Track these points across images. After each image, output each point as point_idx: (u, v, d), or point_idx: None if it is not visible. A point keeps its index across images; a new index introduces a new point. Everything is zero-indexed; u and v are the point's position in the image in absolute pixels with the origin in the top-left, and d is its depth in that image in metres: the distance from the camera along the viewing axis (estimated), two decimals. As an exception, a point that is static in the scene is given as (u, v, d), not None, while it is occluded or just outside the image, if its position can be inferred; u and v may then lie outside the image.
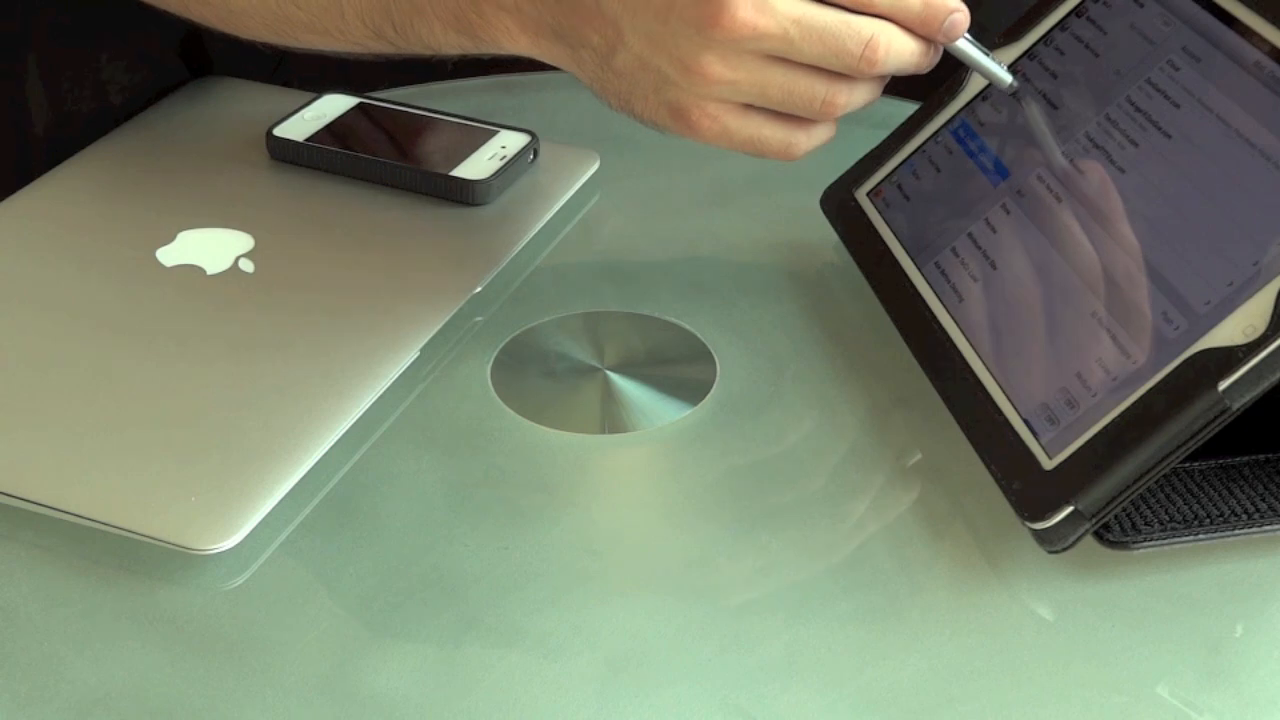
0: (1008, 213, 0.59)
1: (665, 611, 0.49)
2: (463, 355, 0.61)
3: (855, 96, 0.57)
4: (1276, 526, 0.51)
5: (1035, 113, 0.60)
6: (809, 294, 0.66)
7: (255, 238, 0.65)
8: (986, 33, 0.65)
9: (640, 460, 0.57)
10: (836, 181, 0.68)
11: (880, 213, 0.64)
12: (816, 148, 0.59)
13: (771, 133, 0.58)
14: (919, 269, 0.61)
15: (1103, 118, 0.58)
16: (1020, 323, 0.55)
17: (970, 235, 0.60)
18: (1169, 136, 0.55)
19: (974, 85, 0.64)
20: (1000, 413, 0.53)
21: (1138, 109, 0.57)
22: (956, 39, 0.58)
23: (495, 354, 0.61)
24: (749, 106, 0.56)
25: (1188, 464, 0.52)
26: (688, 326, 0.63)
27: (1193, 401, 0.47)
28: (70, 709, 0.46)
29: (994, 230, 0.59)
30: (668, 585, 0.51)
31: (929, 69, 0.58)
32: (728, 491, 0.55)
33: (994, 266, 0.58)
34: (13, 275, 0.63)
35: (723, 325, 0.63)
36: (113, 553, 0.51)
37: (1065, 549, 0.49)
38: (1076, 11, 0.62)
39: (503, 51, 0.60)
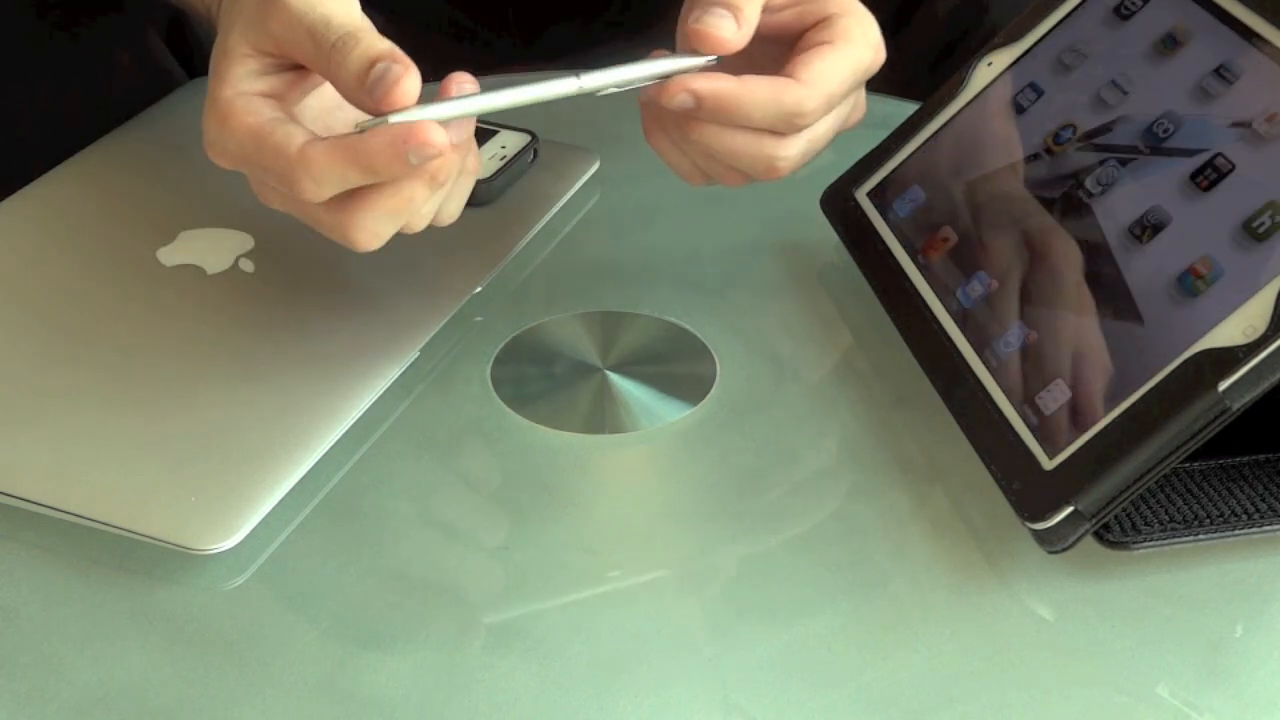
0: (1008, 213, 0.59)
1: (665, 611, 0.49)
2: (463, 355, 0.61)
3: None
4: (1276, 526, 0.51)
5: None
6: (809, 294, 0.66)
7: (255, 238, 0.65)
8: (994, 33, 0.65)
9: (640, 460, 0.57)
10: (836, 181, 0.68)
11: (880, 213, 0.64)
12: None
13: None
14: (919, 269, 0.61)
15: (1102, 119, 0.58)
16: (1019, 322, 0.55)
17: (970, 235, 0.60)
18: (1168, 136, 0.55)
19: (975, 84, 0.64)
20: (1000, 413, 0.53)
21: (1137, 109, 0.57)
22: (434, 155, 0.49)
23: (495, 354, 0.61)
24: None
25: (1188, 464, 0.52)
26: (688, 326, 0.63)
27: (1193, 401, 0.47)
28: (70, 709, 0.46)
29: (993, 230, 0.59)
30: (668, 585, 0.51)
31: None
32: (728, 491, 0.55)
33: (994, 266, 0.58)
34: (13, 275, 0.63)
35: (723, 325, 0.63)
36: (113, 553, 0.51)
37: (1065, 549, 0.49)
38: (1076, 11, 0.62)
39: None
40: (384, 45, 0.50)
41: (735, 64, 0.56)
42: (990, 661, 0.48)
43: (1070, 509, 0.49)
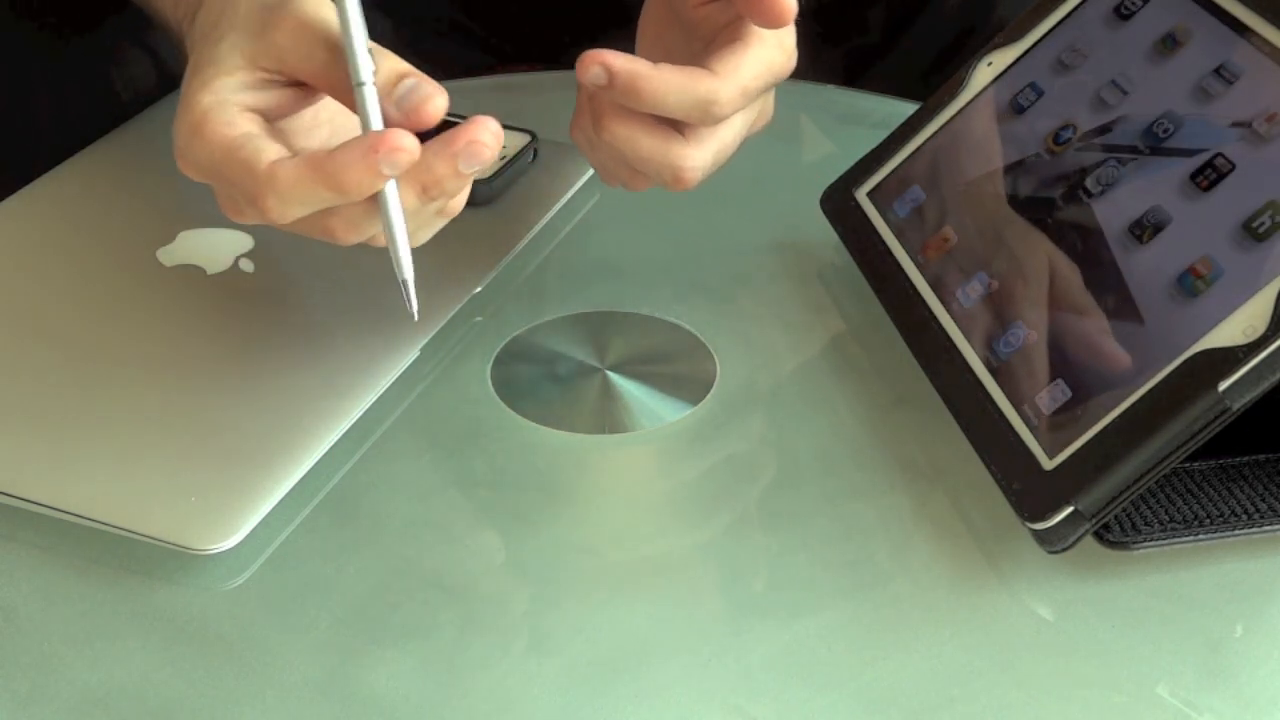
0: (1008, 213, 0.59)
1: (665, 611, 0.50)
2: (463, 355, 0.61)
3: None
4: (1276, 526, 0.51)
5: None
6: (809, 294, 0.66)
7: (255, 238, 0.65)
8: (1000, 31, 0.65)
9: (640, 460, 0.57)
10: (836, 181, 0.68)
11: (880, 213, 0.64)
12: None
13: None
14: (919, 269, 0.61)
15: (1102, 119, 0.58)
16: (1019, 322, 0.55)
17: (970, 235, 0.60)
18: (1168, 136, 0.55)
19: (975, 84, 0.64)
20: (1000, 413, 0.53)
21: (1137, 109, 0.57)
22: (404, 168, 0.47)
23: (495, 354, 0.61)
24: None
25: (1188, 464, 0.52)
26: (688, 326, 0.63)
27: (1193, 401, 0.47)
28: (70, 709, 0.46)
29: (993, 230, 0.59)
30: (668, 585, 0.51)
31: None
32: (728, 492, 0.55)
33: (994, 266, 0.58)
34: (13, 275, 0.63)
35: (723, 325, 0.63)
36: (113, 553, 0.51)
37: (1065, 549, 0.49)
38: (1076, 11, 0.62)
39: None
40: (408, 65, 0.50)
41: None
42: (990, 661, 0.48)
43: (1070, 509, 0.49)
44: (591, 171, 0.73)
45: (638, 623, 0.49)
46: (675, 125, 0.56)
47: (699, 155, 0.56)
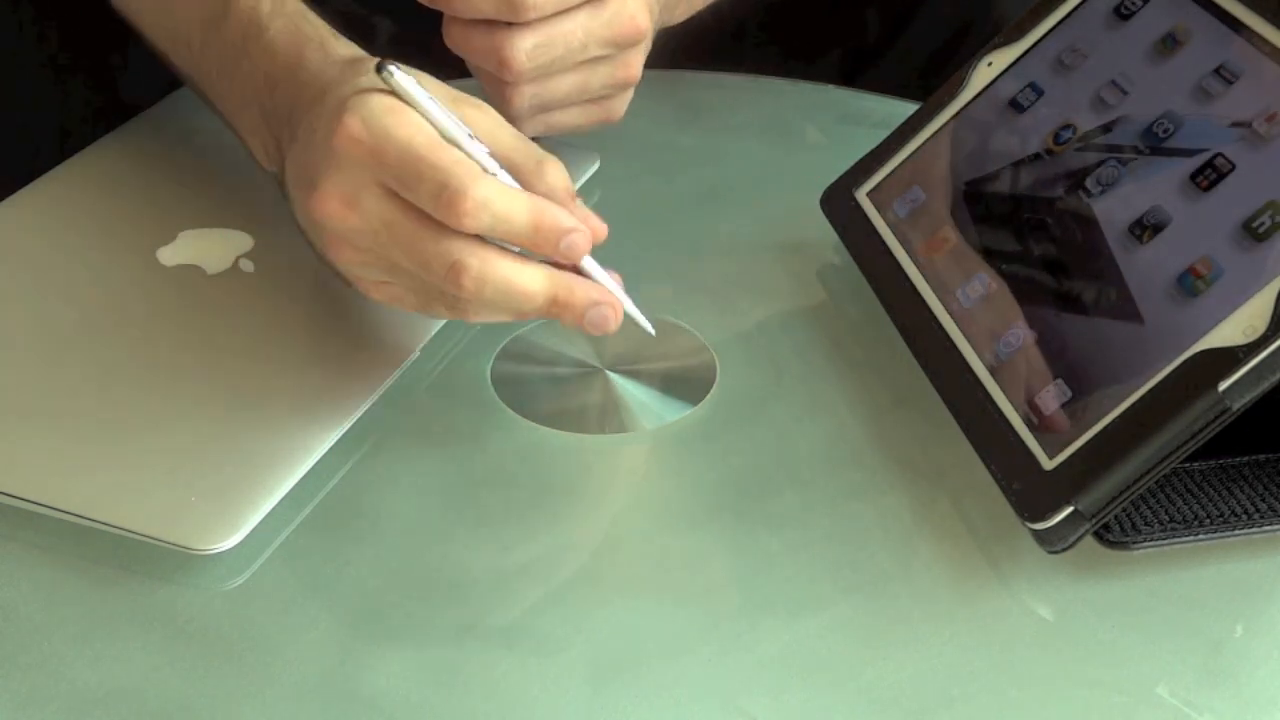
0: (1008, 213, 0.59)
1: (665, 612, 0.50)
2: (463, 355, 0.61)
3: (465, 312, 0.53)
4: (1276, 526, 0.51)
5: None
6: (809, 294, 0.66)
7: (255, 238, 0.65)
8: (999, 31, 0.65)
9: (640, 460, 0.57)
10: (836, 181, 0.68)
11: (880, 213, 0.64)
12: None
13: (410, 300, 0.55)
14: (919, 269, 0.61)
15: (1102, 119, 0.58)
16: (1019, 322, 0.55)
17: (970, 235, 0.60)
18: (1168, 136, 0.55)
19: (975, 84, 0.64)
20: (1000, 413, 0.53)
21: (1137, 109, 0.57)
22: (578, 259, 0.53)
23: (495, 354, 0.61)
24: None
25: (1188, 464, 0.52)
26: (688, 326, 0.63)
27: (1193, 401, 0.47)
28: (70, 709, 0.46)
29: (993, 231, 0.59)
30: (668, 585, 0.51)
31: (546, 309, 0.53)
32: (728, 491, 0.55)
33: (994, 266, 0.58)
34: (13, 275, 0.63)
35: (723, 325, 0.63)
36: (113, 553, 0.51)
37: (1065, 549, 0.49)
38: (1076, 11, 0.62)
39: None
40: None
41: None
42: (990, 661, 0.48)
43: (1070, 509, 0.49)
44: (593, 171, 0.73)
45: (638, 623, 0.49)
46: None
47: (519, 39, 0.58)
